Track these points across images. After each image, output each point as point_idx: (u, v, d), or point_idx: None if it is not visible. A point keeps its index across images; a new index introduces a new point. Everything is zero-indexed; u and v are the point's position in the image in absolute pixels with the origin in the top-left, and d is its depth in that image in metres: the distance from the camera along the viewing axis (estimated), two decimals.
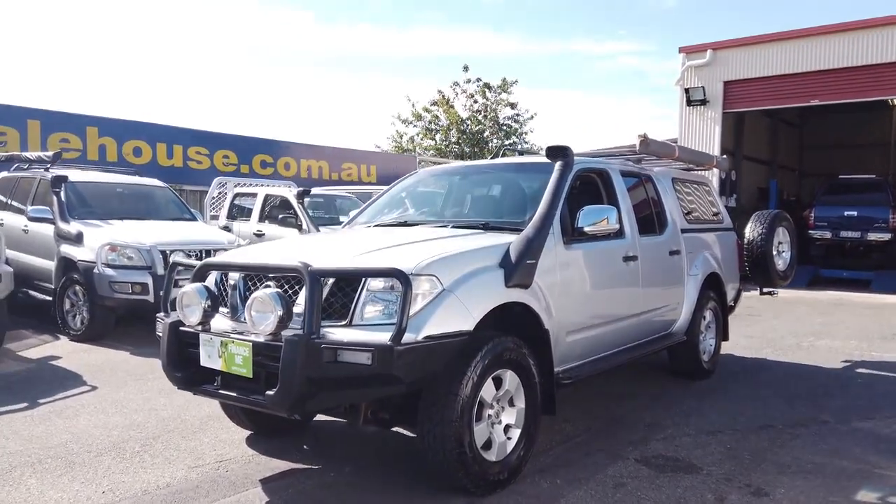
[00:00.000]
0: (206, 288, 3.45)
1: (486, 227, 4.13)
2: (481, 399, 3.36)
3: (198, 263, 3.68)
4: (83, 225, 7.65)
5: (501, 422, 3.55)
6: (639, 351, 4.91)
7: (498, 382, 3.51)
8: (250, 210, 10.68)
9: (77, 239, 7.44)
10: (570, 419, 4.71)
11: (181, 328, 3.51)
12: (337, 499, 3.38)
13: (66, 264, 7.56)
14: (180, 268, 3.95)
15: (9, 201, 9.03)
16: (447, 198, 4.93)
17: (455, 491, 3.38)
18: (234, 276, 3.64)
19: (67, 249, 7.51)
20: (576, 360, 4.25)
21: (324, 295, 3.22)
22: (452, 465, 3.24)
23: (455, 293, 3.25)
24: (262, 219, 10.42)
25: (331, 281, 3.26)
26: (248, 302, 3.17)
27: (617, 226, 4.28)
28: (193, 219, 8.97)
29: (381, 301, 3.17)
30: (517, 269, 3.55)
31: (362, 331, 3.12)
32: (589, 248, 4.30)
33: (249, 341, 3.18)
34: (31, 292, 8.58)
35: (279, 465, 3.85)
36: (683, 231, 5.64)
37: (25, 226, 8.33)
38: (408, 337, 3.01)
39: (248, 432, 4.33)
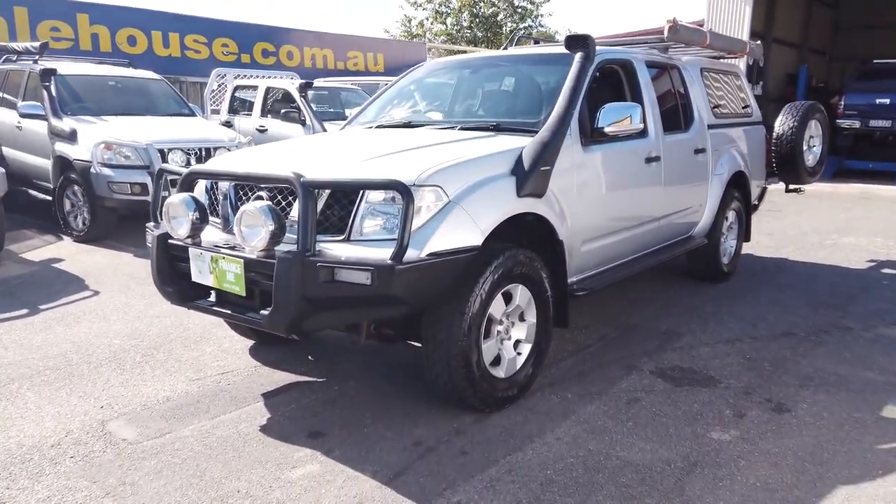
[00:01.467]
0: (194, 199, 3.19)
1: (498, 129, 3.78)
2: (490, 316, 3.17)
3: (185, 171, 3.40)
4: (77, 121, 7.31)
5: (511, 337, 3.38)
6: (658, 257, 4.66)
7: (508, 297, 3.30)
8: (252, 104, 10.23)
9: (71, 137, 7.13)
10: (583, 327, 4.55)
11: (170, 241, 3.29)
12: (338, 416, 3.28)
13: (63, 163, 7.30)
14: (168, 175, 3.67)
15: (1, 96, 8.65)
16: (455, 95, 4.53)
17: (463, 408, 3.26)
18: (224, 185, 3.37)
19: (62, 148, 7.22)
20: (592, 270, 4.02)
21: (319, 207, 2.96)
22: (459, 384, 3.09)
23: (462, 205, 2.98)
24: (264, 113, 9.98)
25: (327, 192, 2.98)
26: (238, 216, 2.92)
27: (640, 125, 3.91)
28: (192, 114, 8.58)
29: (381, 214, 2.91)
30: (530, 176, 3.25)
31: (361, 247, 2.87)
32: (609, 149, 3.96)
33: (241, 258, 2.96)
34: (32, 192, 8.40)
35: (282, 378, 3.74)
36: (710, 127, 5.24)
37: (19, 122, 8.00)
38: (410, 254, 2.77)
39: (251, 342, 4.22)
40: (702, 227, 5.28)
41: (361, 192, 2.92)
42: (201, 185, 3.51)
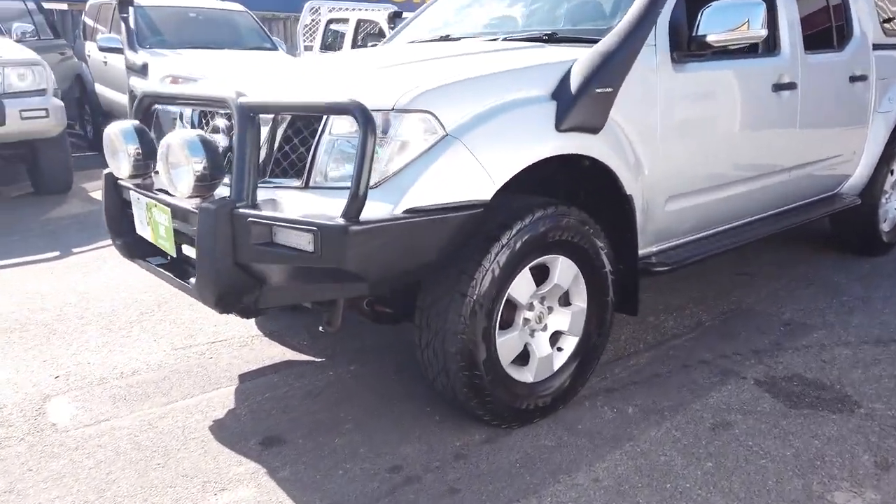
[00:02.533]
0: (138, 130, 2.48)
1: (552, 39, 2.77)
2: (510, 298, 2.26)
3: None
4: (150, 55, 6.96)
5: (546, 328, 2.45)
6: (786, 221, 3.48)
7: (542, 274, 2.37)
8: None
9: (143, 70, 6.79)
10: (673, 310, 3.50)
11: (119, 181, 2.63)
12: (312, 416, 2.53)
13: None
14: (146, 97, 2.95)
15: (94, 28, 8.54)
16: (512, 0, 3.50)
17: (476, 420, 2.40)
18: (187, 112, 2.65)
19: (135, 82, 6.90)
20: (681, 237, 2.96)
21: (278, 141, 2.17)
22: (460, 391, 2.24)
23: (464, 140, 2.05)
24: (354, 47, 9.27)
25: (286, 121, 2.16)
26: (160, 149, 2.17)
27: (764, 32, 2.73)
28: (274, 48, 8.04)
29: (352, 152, 2.05)
30: (578, 101, 2.25)
31: (322, 197, 2.05)
32: (715, 68, 2.83)
33: (169, 206, 2.24)
34: None
35: (274, 355, 3.04)
36: (876, 47, 3.86)
37: (105, 57, 7.81)
38: (377, 210, 1.92)
39: None
40: (854, 183, 3.96)
41: (323, 120, 2.08)
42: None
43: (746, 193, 3.15)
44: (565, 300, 2.51)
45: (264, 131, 2.18)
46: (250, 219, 1.97)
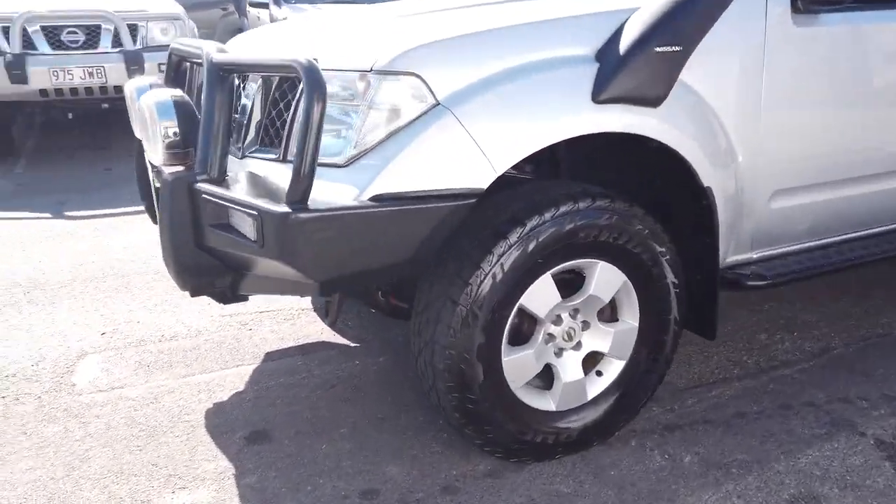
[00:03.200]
0: (178, 103, 2.24)
1: None
2: (523, 308, 1.82)
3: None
4: (291, 9, 7.00)
5: (580, 347, 1.98)
6: None
7: (572, 281, 1.90)
8: None
9: None
10: (795, 326, 2.81)
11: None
12: (313, 413, 2.28)
13: None
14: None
15: None
16: None
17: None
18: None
19: None
20: (789, 243, 2.29)
21: (266, 107, 1.89)
22: (450, 413, 1.86)
23: (457, 112, 1.62)
24: None
25: (275, 83, 1.86)
26: (137, 111, 1.97)
27: None
28: None
29: (333, 119, 1.71)
30: (626, 64, 1.72)
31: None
32: (853, 21, 2.10)
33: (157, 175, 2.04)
34: None
35: (311, 334, 2.83)
36: None
37: (258, 13, 8.02)
38: (341, 194, 1.58)
39: None
40: None
41: (302, 83, 1.75)
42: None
43: (891, 192, 2.37)
44: (611, 314, 2.02)
45: (259, 95, 1.91)
46: (205, 195, 1.71)
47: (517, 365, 1.87)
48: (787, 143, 2.08)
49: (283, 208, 1.51)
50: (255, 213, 1.57)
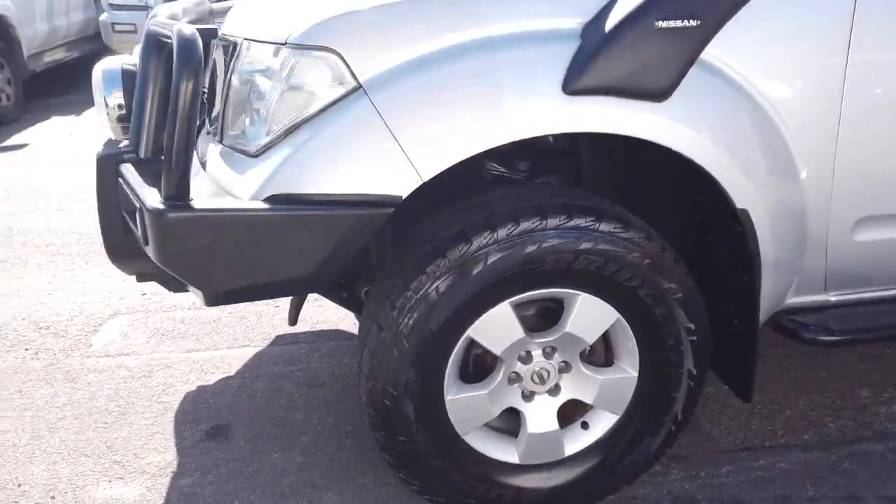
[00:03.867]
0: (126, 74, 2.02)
1: None
2: (474, 341, 1.49)
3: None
4: None
5: (558, 391, 1.61)
6: None
7: (547, 311, 1.53)
8: None
9: None
10: (891, 380, 2.18)
11: None
12: (286, 413, 2.10)
13: None
14: None
15: None
16: None
17: None
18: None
19: None
20: (883, 286, 1.71)
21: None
22: (380, 450, 1.58)
23: (377, 100, 1.30)
24: None
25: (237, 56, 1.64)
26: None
27: None
28: None
29: (255, 99, 1.47)
30: (614, 43, 1.29)
31: (224, 158, 1.54)
32: None
33: None
34: None
35: (331, 320, 2.64)
36: None
37: None
38: (239, 190, 1.35)
39: None
40: None
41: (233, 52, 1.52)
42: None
43: None
44: (606, 357, 1.62)
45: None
46: (119, 178, 1.54)
47: (465, 406, 1.54)
48: (882, 154, 1.51)
49: (158, 204, 1.30)
50: (137, 205, 1.37)
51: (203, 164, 1.63)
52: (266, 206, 1.31)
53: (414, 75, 1.30)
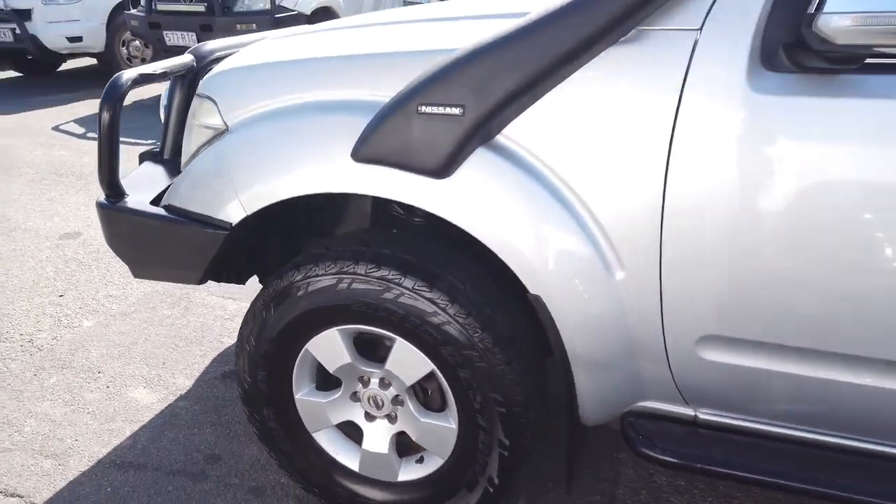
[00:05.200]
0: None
1: None
2: (311, 357, 1.73)
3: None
4: None
5: (394, 420, 1.76)
6: None
7: (379, 347, 1.70)
8: None
9: None
10: None
11: None
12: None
13: None
14: None
15: None
16: None
17: None
18: None
19: None
20: (760, 416, 1.46)
21: None
22: (250, 421, 1.90)
23: (228, 142, 1.61)
24: None
25: None
26: None
27: None
28: None
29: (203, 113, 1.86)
30: (384, 122, 1.39)
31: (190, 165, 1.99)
32: (856, 95, 1.13)
33: None
34: None
35: None
36: None
37: None
38: (140, 194, 1.80)
39: None
40: None
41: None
42: None
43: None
44: (442, 403, 1.71)
45: None
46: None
47: (309, 409, 1.80)
48: (720, 272, 1.33)
49: (102, 199, 1.81)
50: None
51: None
52: (152, 210, 1.73)
53: (256, 126, 1.58)
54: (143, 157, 2.17)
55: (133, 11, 7.45)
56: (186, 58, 1.95)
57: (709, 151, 1.26)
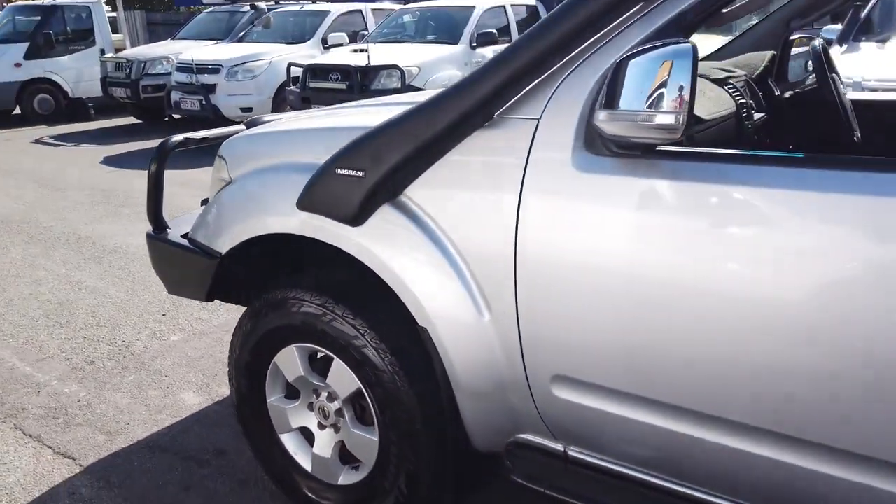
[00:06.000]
0: None
1: None
2: (277, 366, 2.13)
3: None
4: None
5: (338, 430, 2.09)
6: None
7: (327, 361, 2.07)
8: None
9: None
10: None
11: None
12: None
13: None
14: None
15: None
16: None
17: None
18: None
19: None
20: (604, 454, 1.62)
21: None
22: (235, 407, 2.30)
23: (226, 191, 2.10)
24: None
25: None
26: None
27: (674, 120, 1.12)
28: None
29: None
30: (317, 179, 1.79)
31: None
32: (652, 177, 1.35)
33: None
34: None
35: None
36: None
37: None
38: (172, 230, 2.34)
39: None
40: None
41: None
42: None
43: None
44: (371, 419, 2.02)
45: None
46: None
47: (276, 413, 2.18)
48: (562, 319, 1.56)
49: (149, 230, 2.36)
50: None
51: None
52: (175, 240, 2.24)
53: (244, 180, 2.05)
54: (203, 203, 2.73)
55: (292, 88, 8.61)
56: (237, 127, 2.48)
57: (546, 215, 1.53)
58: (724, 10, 1.58)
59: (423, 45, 8.25)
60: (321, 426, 2.13)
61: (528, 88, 1.52)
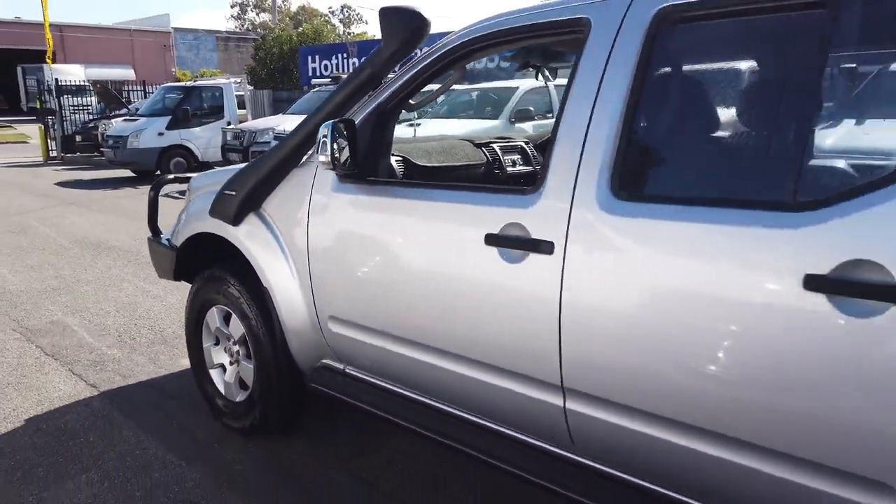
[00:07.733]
0: None
1: None
2: (206, 322, 3.29)
3: None
4: None
5: (238, 367, 3.19)
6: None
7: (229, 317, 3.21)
8: None
9: None
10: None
11: None
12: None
13: None
14: None
15: None
16: None
17: None
18: None
19: None
20: (365, 372, 2.65)
21: None
22: (188, 347, 3.49)
23: (188, 204, 3.34)
24: None
25: None
26: None
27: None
28: None
29: None
30: (218, 196, 2.98)
31: None
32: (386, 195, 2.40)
33: None
34: None
35: None
36: None
37: None
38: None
39: None
40: None
41: None
42: None
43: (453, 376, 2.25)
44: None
45: None
46: None
47: (207, 353, 3.32)
48: (328, 282, 2.62)
49: (149, 234, 3.64)
50: None
51: None
52: (159, 240, 3.49)
53: (195, 199, 3.28)
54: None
55: None
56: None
57: (318, 221, 2.61)
58: (411, 101, 2.61)
59: (470, 119, 9.48)
60: (231, 363, 3.24)
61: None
